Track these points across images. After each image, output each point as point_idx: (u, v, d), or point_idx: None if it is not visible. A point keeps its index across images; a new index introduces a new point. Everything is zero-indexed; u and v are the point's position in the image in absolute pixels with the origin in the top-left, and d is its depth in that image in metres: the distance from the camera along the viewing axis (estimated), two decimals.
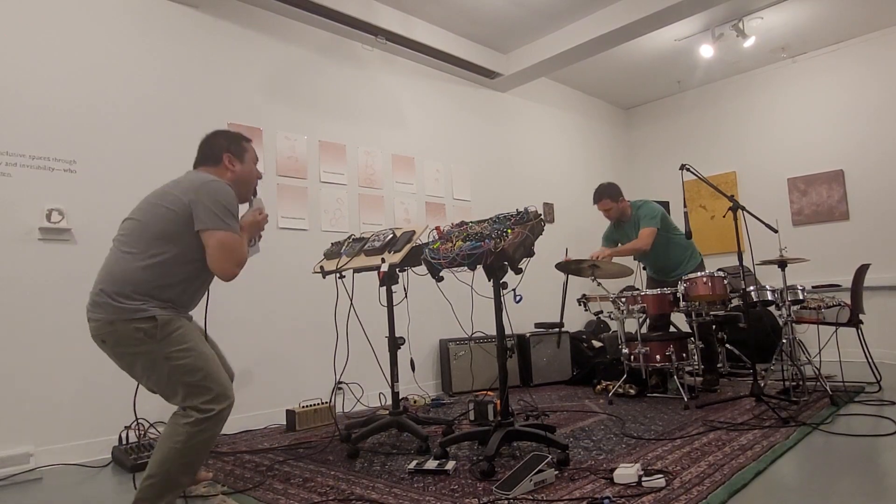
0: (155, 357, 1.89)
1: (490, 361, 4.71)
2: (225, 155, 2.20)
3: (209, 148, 2.22)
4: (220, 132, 2.28)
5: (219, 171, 2.17)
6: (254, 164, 2.29)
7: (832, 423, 2.91)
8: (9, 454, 2.82)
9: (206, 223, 1.95)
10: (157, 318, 1.89)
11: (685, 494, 1.97)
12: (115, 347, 1.92)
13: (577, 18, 4.98)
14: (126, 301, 1.88)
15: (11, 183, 3.01)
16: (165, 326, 1.90)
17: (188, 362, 1.90)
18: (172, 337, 1.90)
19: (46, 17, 3.23)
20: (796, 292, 3.65)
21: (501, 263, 2.46)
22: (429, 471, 2.41)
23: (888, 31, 5.49)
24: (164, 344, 1.89)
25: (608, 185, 4.27)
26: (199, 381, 1.90)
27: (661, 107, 7.18)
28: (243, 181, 2.24)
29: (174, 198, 1.99)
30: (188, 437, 1.85)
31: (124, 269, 1.92)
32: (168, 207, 1.98)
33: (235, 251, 1.99)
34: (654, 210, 4.13)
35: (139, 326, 1.87)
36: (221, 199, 1.99)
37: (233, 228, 1.99)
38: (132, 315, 1.87)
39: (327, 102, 4.46)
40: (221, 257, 1.96)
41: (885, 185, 5.47)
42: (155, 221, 1.97)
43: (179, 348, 1.90)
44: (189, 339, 1.94)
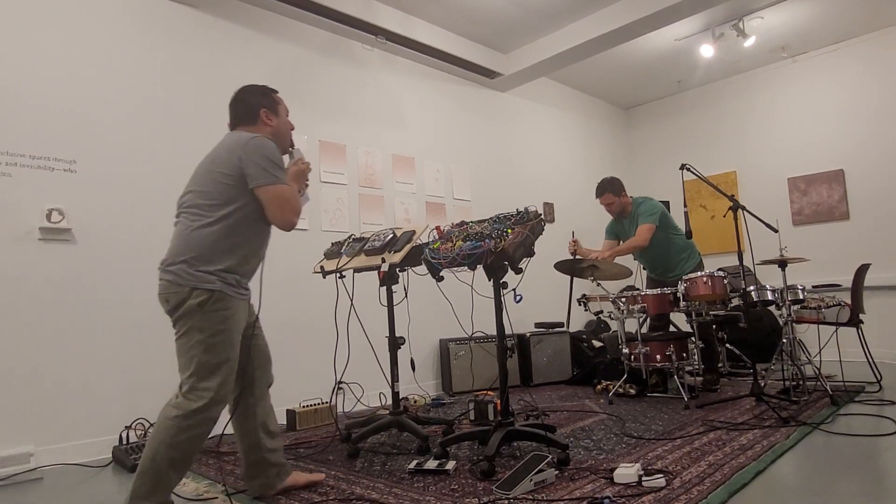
0: (193, 325, 1.94)
1: (490, 361, 4.71)
2: (262, 111, 2.21)
3: (244, 106, 2.22)
4: (248, 88, 2.26)
5: (257, 129, 2.19)
6: (286, 115, 2.31)
7: (832, 423, 2.91)
8: (9, 454, 2.82)
9: (259, 179, 2.01)
10: (216, 292, 1.95)
11: (685, 494, 1.97)
12: (174, 310, 1.97)
13: (577, 18, 4.98)
14: (196, 268, 1.95)
15: (11, 183, 3.01)
16: (217, 302, 1.95)
17: (215, 342, 1.95)
18: (216, 314, 1.95)
19: (46, 17, 3.23)
20: (796, 292, 3.65)
21: (501, 263, 2.46)
22: (429, 471, 2.41)
23: (888, 30, 5.49)
24: (206, 317, 1.94)
25: (611, 180, 4.28)
26: (215, 364, 1.94)
27: (662, 107, 7.18)
28: (281, 134, 2.26)
29: (224, 160, 2.04)
30: (177, 431, 1.87)
31: (194, 240, 1.98)
32: (221, 171, 2.03)
33: (291, 201, 2.06)
34: (653, 207, 4.13)
35: (199, 294, 1.94)
36: (268, 154, 2.04)
37: (283, 181, 2.06)
38: (198, 283, 1.94)
39: (327, 102, 4.46)
40: (280, 209, 2.03)
41: (886, 184, 5.47)
42: (213, 187, 2.03)
43: (216, 326, 1.95)
44: (230, 326, 1.99)
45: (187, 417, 1.88)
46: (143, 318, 3.36)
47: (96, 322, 3.20)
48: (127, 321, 3.30)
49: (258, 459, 2.21)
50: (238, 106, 2.22)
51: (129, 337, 3.30)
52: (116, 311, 3.27)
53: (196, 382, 1.92)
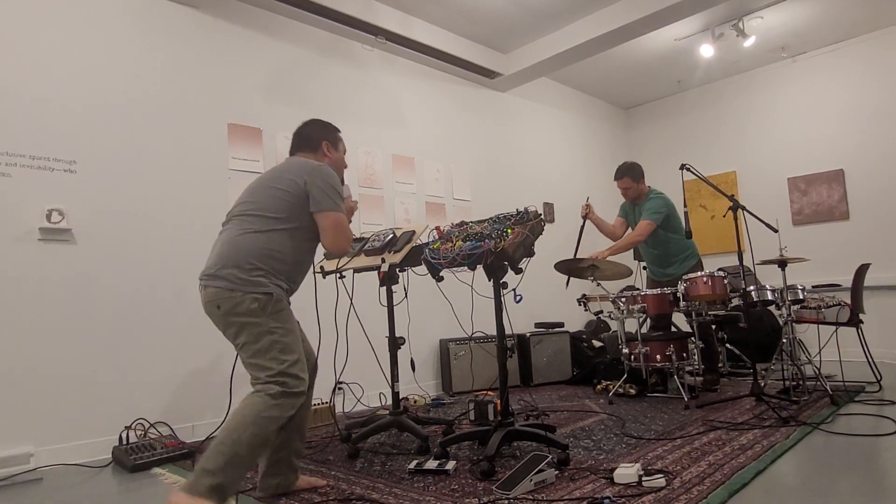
0: (262, 328, 2.00)
1: (490, 361, 4.71)
2: (324, 143, 2.36)
3: (307, 136, 2.37)
4: (315, 122, 2.42)
5: (319, 157, 2.34)
6: (344, 153, 2.47)
7: (832, 423, 2.91)
8: (9, 454, 2.82)
9: (322, 205, 2.12)
10: (273, 294, 2.03)
11: (685, 494, 1.97)
12: (228, 315, 2.01)
13: (576, 18, 4.98)
14: (250, 273, 2.02)
15: (11, 183, 3.01)
16: (277, 303, 2.05)
17: (287, 341, 2.04)
18: (280, 314, 2.05)
19: (46, 17, 3.23)
20: (796, 292, 3.65)
21: (501, 263, 2.46)
22: (429, 471, 2.41)
23: (888, 30, 5.49)
24: (271, 318, 2.02)
25: (631, 165, 4.31)
26: (293, 360, 2.03)
27: (661, 107, 7.18)
28: (338, 168, 2.39)
29: (289, 181, 2.13)
30: (263, 408, 1.92)
31: (246, 244, 2.06)
32: (283, 189, 2.12)
33: (347, 229, 2.18)
34: (659, 206, 4.12)
35: (257, 297, 2.00)
36: (333, 182, 2.16)
37: (341, 209, 2.17)
38: (254, 288, 2.01)
39: (327, 102, 4.45)
40: (337, 235, 2.14)
41: (886, 184, 5.47)
42: (271, 202, 2.12)
43: (283, 326, 2.04)
44: (291, 321, 2.11)
45: (276, 397, 1.95)
46: (144, 318, 3.36)
47: (96, 322, 3.20)
48: (127, 321, 3.30)
49: (283, 458, 2.23)
50: (303, 135, 2.38)
51: (129, 337, 3.30)
52: (116, 311, 3.27)
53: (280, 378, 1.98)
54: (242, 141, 3.93)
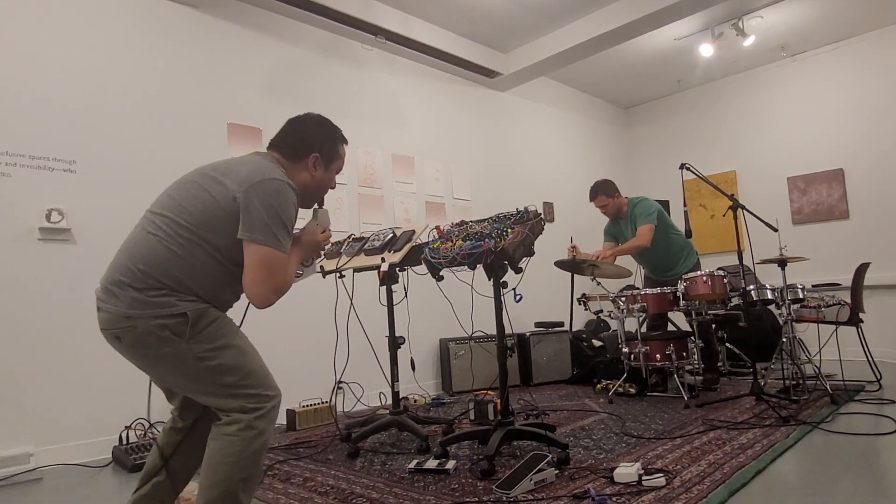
0: (184, 358, 1.54)
1: (490, 361, 4.71)
2: (313, 156, 1.80)
3: (300, 138, 1.80)
4: (319, 119, 1.86)
5: (295, 168, 1.78)
6: (335, 174, 1.89)
7: (832, 422, 2.91)
8: (9, 454, 2.82)
9: (253, 233, 1.57)
10: (189, 314, 1.53)
11: (685, 493, 1.98)
12: (133, 346, 1.56)
13: (576, 18, 4.98)
14: (151, 292, 1.53)
15: (11, 183, 3.01)
16: (197, 323, 1.55)
17: (224, 361, 1.57)
18: (205, 334, 1.56)
19: (46, 17, 3.23)
20: (796, 291, 3.65)
21: (501, 263, 2.46)
22: (429, 470, 2.41)
23: (888, 29, 5.49)
24: (195, 343, 1.54)
25: (603, 182, 4.28)
26: (239, 380, 1.57)
27: (661, 106, 7.18)
28: (319, 190, 1.86)
29: (223, 190, 1.61)
30: (243, 447, 1.52)
31: (151, 254, 1.56)
32: (212, 195, 1.60)
33: (276, 274, 1.60)
34: (649, 207, 4.13)
35: (165, 323, 1.52)
36: (278, 208, 1.60)
37: (283, 247, 1.61)
38: (157, 310, 1.52)
39: (327, 102, 4.45)
40: (259, 278, 1.58)
41: (885, 183, 5.47)
42: (193, 205, 1.60)
43: (213, 346, 1.56)
44: (224, 333, 1.60)
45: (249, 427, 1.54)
46: None
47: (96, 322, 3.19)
48: None
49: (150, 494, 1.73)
50: (295, 133, 1.81)
51: None
52: None
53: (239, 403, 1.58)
54: (242, 141, 3.93)
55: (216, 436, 1.56)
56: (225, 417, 1.57)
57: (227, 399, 1.57)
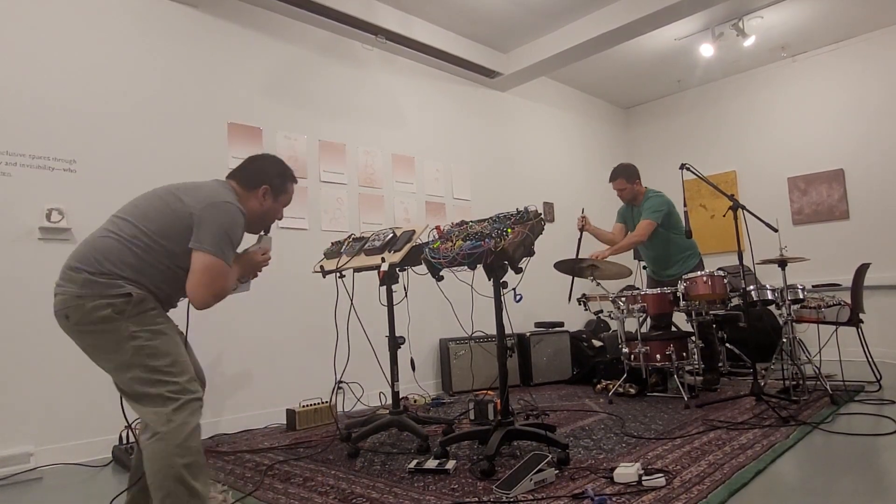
0: (120, 335, 1.71)
1: (490, 361, 4.71)
2: (264, 187, 2.05)
3: (255, 169, 2.07)
4: (273, 160, 2.13)
5: (247, 196, 2.03)
6: (283, 206, 2.15)
7: (832, 423, 2.91)
8: (9, 454, 2.82)
9: (202, 243, 1.80)
10: (133, 295, 1.73)
11: (685, 493, 1.97)
12: (77, 324, 1.73)
13: (576, 18, 4.98)
14: (102, 277, 1.73)
15: (11, 183, 3.01)
16: (140, 304, 1.74)
17: (156, 344, 1.73)
18: (144, 315, 1.75)
19: (46, 16, 3.23)
20: (796, 291, 3.65)
21: (501, 263, 2.46)
22: (429, 470, 2.41)
23: (888, 30, 5.49)
24: (133, 321, 1.72)
25: (626, 166, 4.29)
26: (165, 366, 1.72)
27: (661, 106, 7.18)
28: (265, 219, 2.11)
29: (182, 206, 1.85)
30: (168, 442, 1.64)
31: (107, 247, 1.78)
32: (172, 209, 1.85)
33: (218, 280, 1.81)
34: (659, 205, 4.11)
35: (111, 302, 1.70)
36: (226, 226, 1.85)
37: (225, 258, 1.84)
38: (105, 290, 1.71)
39: (327, 102, 4.46)
40: (201, 281, 1.79)
41: (886, 184, 5.47)
42: (155, 215, 1.84)
43: (149, 328, 1.74)
44: (161, 322, 1.79)
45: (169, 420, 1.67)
46: None
47: None
48: None
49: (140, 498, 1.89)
50: (252, 166, 2.08)
51: None
52: None
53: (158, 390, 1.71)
54: (242, 140, 3.93)
55: (144, 446, 1.68)
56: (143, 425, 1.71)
57: (150, 386, 1.70)
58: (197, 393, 1.76)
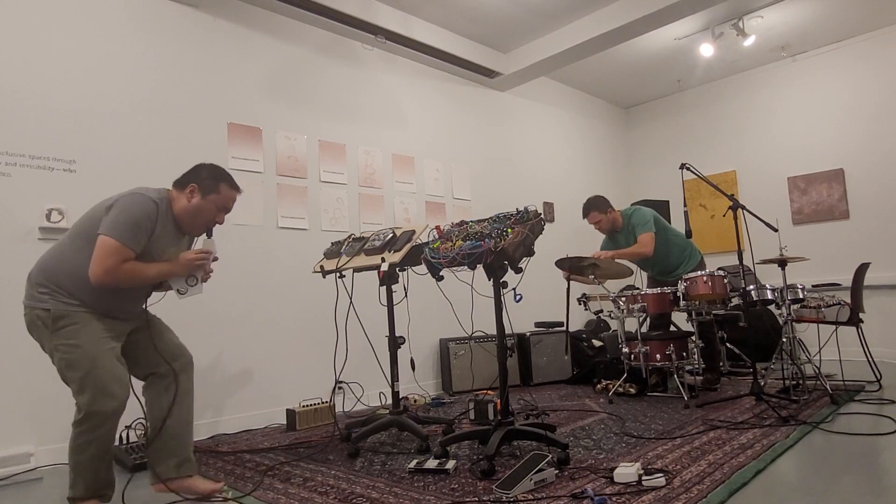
0: (50, 346, 2.06)
1: (490, 360, 4.71)
2: (191, 185, 2.24)
3: (189, 173, 2.29)
4: (212, 168, 2.31)
5: (178, 196, 2.25)
6: (216, 208, 2.28)
7: (832, 422, 2.91)
8: (9, 454, 2.82)
9: (103, 228, 2.03)
10: (52, 311, 2.03)
11: (685, 493, 1.98)
12: (30, 331, 2.12)
13: (576, 17, 4.98)
14: (37, 289, 2.07)
15: (11, 183, 3.01)
16: (58, 320, 2.03)
17: (72, 358, 2.01)
18: (62, 331, 2.03)
19: (46, 17, 3.23)
20: (796, 291, 3.65)
21: (501, 263, 2.46)
22: (429, 470, 2.41)
23: (888, 29, 5.49)
24: (55, 336, 2.04)
25: (595, 199, 4.26)
26: (79, 378, 2.00)
27: (661, 106, 7.18)
28: (197, 217, 2.26)
29: (101, 203, 2.13)
30: (74, 437, 2.02)
31: (45, 260, 2.13)
32: (94, 210, 2.12)
33: (109, 258, 2.01)
34: (645, 216, 4.12)
35: (39, 315, 2.06)
36: (129, 210, 2.06)
37: (122, 238, 2.03)
38: (36, 303, 2.07)
39: (327, 102, 4.46)
40: (95, 257, 2.01)
41: (886, 183, 5.47)
42: (81, 222, 2.12)
43: (67, 342, 2.02)
44: (79, 336, 2.03)
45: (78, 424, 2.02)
46: None
47: None
48: None
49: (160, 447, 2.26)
50: (189, 171, 2.29)
51: None
52: None
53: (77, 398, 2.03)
54: (242, 140, 3.93)
55: None
56: None
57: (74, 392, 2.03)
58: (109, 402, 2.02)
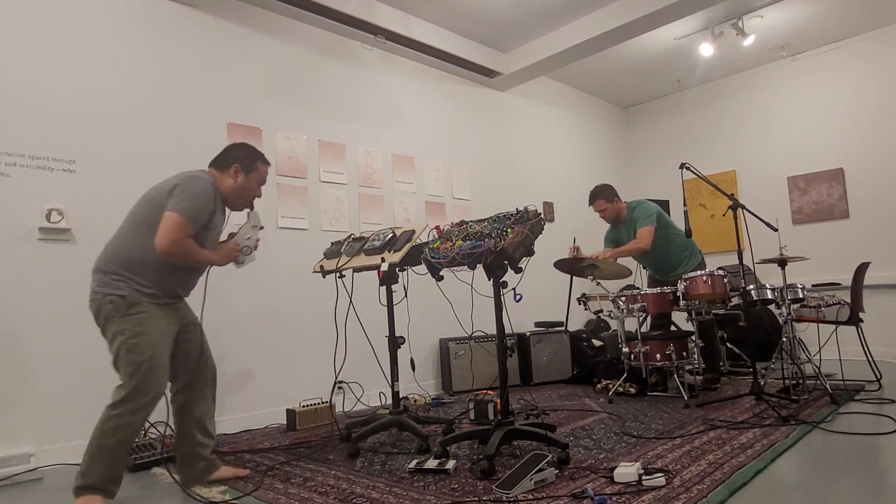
0: (115, 330, 2.15)
1: (490, 360, 4.71)
2: (234, 165, 2.42)
3: (226, 154, 2.45)
4: (243, 146, 2.49)
5: (223, 177, 2.41)
6: (257, 184, 2.50)
7: (832, 422, 2.91)
8: (9, 454, 2.82)
9: (171, 206, 2.19)
10: (127, 297, 2.16)
11: (685, 493, 1.98)
12: (97, 316, 2.20)
13: (576, 17, 4.98)
14: (111, 277, 2.17)
15: (11, 183, 3.01)
16: (131, 307, 2.16)
17: (137, 343, 2.13)
18: (133, 317, 2.15)
19: (46, 17, 3.23)
20: (796, 291, 3.65)
21: (501, 262, 2.46)
22: (429, 470, 2.41)
23: (888, 29, 5.49)
24: (123, 320, 2.14)
25: (602, 187, 4.27)
26: (136, 362, 2.12)
27: (661, 105, 7.18)
28: (242, 194, 2.45)
29: (160, 188, 2.27)
30: (105, 419, 2.10)
31: (113, 250, 2.23)
32: (153, 197, 2.26)
33: (175, 231, 2.16)
34: (649, 209, 4.13)
35: (113, 300, 2.15)
36: (194, 192, 2.23)
37: (186, 215, 2.19)
38: (111, 290, 2.16)
39: (327, 102, 4.45)
40: (163, 230, 2.16)
41: (886, 183, 5.47)
42: (143, 208, 2.25)
43: (135, 328, 2.14)
44: (147, 324, 2.17)
45: (114, 406, 2.11)
46: None
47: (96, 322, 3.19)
48: None
49: (189, 453, 2.39)
50: (224, 151, 2.46)
51: None
52: None
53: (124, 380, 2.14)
54: (242, 140, 3.92)
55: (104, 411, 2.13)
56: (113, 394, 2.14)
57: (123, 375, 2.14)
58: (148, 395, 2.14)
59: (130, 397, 2.10)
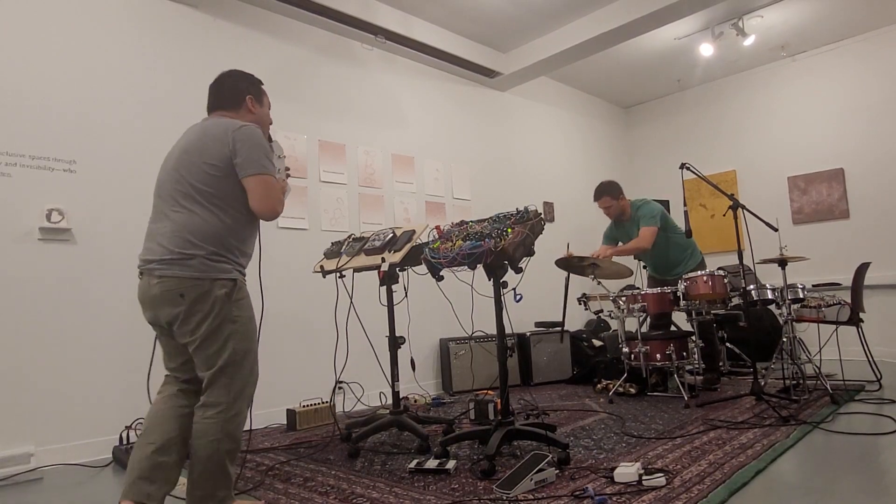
0: (224, 317, 1.89)
1: (490, 360, 4.71)
2: (248, 98, 2.14)
3: (230, 91, 2.13)
4: (235, 72, 2.17)
5: (239, 115, 2.11)
6: (268, 108, 2.26)
7: (832, 422, 2.91)
8: (9, 454, 2.82)
9: (248, 170, 1.94)
10: (237, 281, 1.95)
11: (685, 493, 1.97)
12: (193, 304, 1.86)
13: (576, 17, 4.98)
14: (216, 259, 1.90)
15: (11, 183, 3.01)
16: (240, 290, 1.96)
17: (248, 330, 1.97)
18: (240, 302, 1.96)
19: (46, 17, 3.22)
20: (796, 291, 3.65)
21: (501, 262, 2.46)
22: (429, 470, 2.41)
23: (888, 29, 5.49)
24: (234, 306, 1.92)
25: (609, 183, 4.28)
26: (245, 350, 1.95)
27: (661, 105, 7.18)
28: (262, 123, 2.19)
29: (217, 153, 1.93)
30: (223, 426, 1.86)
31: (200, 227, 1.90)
32: (213, 164, 1.93)
33: (276, 191, 1.99)
34: (653, 209, 4.14)
35: (224, 284, 1.90)
36: (258, 143, 1.97)
37: (271, 171, 1.98)
38: (220, 274, 1.90)
39: (327, 102, 4.45)
40: (265, 196, 1.95)
41: (886, 183, 5.47)
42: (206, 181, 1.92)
43: (244, 314, 1.96)
44: (251, 309, 2.00)
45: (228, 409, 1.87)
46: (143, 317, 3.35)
47: (96, 322, 3.20)
48: (127, 321, 3.30)
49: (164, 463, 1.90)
50: (224, 89, 2.13)
51: (128, 337, 3.30)
52: (116, 311, 3.27)
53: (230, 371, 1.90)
54: None
55: (198, 420, 1.87)
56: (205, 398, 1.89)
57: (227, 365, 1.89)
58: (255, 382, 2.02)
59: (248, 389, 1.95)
